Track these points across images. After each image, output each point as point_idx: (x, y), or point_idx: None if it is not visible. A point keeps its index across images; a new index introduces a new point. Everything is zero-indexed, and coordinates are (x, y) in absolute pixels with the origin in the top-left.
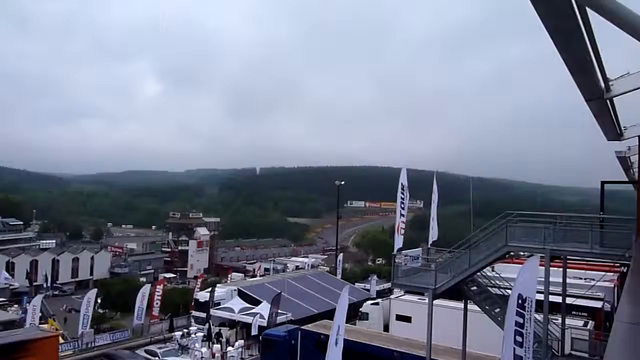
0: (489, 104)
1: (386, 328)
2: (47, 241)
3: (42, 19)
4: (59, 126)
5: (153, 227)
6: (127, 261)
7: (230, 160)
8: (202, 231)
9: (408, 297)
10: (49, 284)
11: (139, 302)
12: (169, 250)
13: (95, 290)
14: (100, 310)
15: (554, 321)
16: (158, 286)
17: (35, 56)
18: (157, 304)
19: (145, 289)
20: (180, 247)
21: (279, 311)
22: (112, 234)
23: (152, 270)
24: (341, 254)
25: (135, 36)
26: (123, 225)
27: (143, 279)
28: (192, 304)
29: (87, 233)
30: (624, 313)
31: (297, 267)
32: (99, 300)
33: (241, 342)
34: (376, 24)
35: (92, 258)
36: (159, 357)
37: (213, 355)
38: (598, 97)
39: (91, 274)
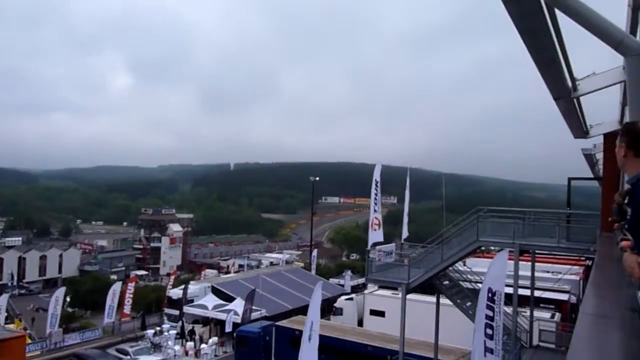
0: (462, 102)
1: (360, 323)
2: (13, 238)
3: (7, 9)
4: (25, 120)
5: (124, 223)
6: (97, 258)
7: (204, 155)
8: (175, 227)
9: (382, 292)
10: (15, 283)
11: (110, 300)
12: (141, 247)
13: (63, 289)
14: (70, 309)
15: (523, 314)
16: (130, 284)
17: (0, 47)
18: (128, 301)
19: (117, 287)
20: (152, 244)
21: (253, 307)
22: (81, 230)
23: (124, 268)
24: (315, 250)
25: (106, 28)
26: (93, 222)
27: (114, 277)
28: (165, 301)
29: (56, 230)
30: (589, 305)
31: (271, 263)
32: (67, 299)
33: (215, 339)
34: (351, 21)
35: (61, 256)
36: (130, 356)
37: (186, 353)
38: (565, 96)
39: (60, 272)
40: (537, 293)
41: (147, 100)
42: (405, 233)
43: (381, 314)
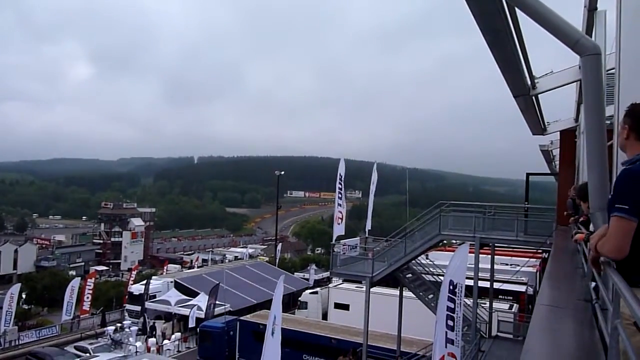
0: (426, 98)
1: (325, 316)
2: None
3: None
4: None
5: (83, 218)
6: (54, 254)
7: (166, 148)
8: (137, 222)
9: (346, 285)
10: None
11: (68, 297)
12: (101, 242)
13: (18, 285)
14: (25, 307)
15: (482, 305)
16: (89, 279)
17: None
18: (87, 298)
19: (75, 283)
20: (113, 239)
21: (217, 302)
22: (38, 225)
23: (83, 263)
24: (280, 244)
25: (65, 15)
26: (50, 217)
27: (73, 273)
28: (126, 297)
29: (10, 224)
30: (544, 296)
31: (235, 258)
32: (23, 296)
33: (178, 334)
34: (318, 14)
35: (16, 251)
36: (90, 353)
37: (148, 349)
38: (524, 93)
39: (15, 267)
40: (496, 285)
41: (108, 91)
42: (369, 227)
43: (345, 307)
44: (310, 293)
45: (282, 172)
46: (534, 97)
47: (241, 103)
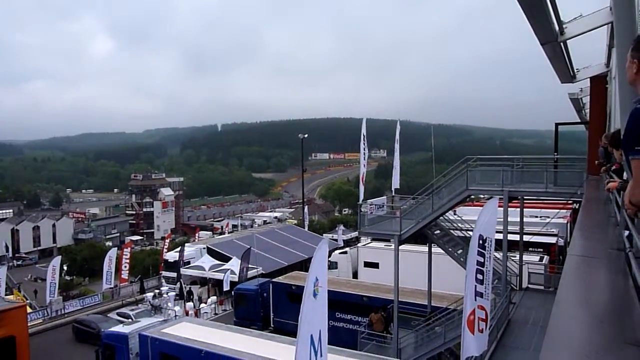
0: (448, 52)
1: (355, 275)
2: (4, 211)
3: None
4: (4, 90)
5: (115, 190)
6: (90, 226)
7: (190, 118)
8: (166, 192)
9: (375, 244)
10: (10, 254)
11: (107, 267)
12: (134, 212)
13: (59, 258)
14: (68, 278)
15: (512, 258)
16: (125, 249)
17: None
18: (125, 267)
19: (112, 253)
20: (145, 209)
21: (249, 266)
22: (72, 200)
23: (118, 234)
24: (307, 207)
25: None
26: (83, 191)
27: (109, 243)
28: (162, 264)
29: (46, 200)
30: (576, 246)
31: (264, 222)
32: (65, 268)
33: (214, 298)
34: None
35: (54, 225)
36: (132, 319)
37: (187, 313)
38: (552, 40)
39: (54, 241)
40: (526, 238)
41: (130, 64)
42: (395, 185)
43: (375, 265)
44: (340, 253)
45: (306, 135)
46: (562, 44)
47: (261, 69)
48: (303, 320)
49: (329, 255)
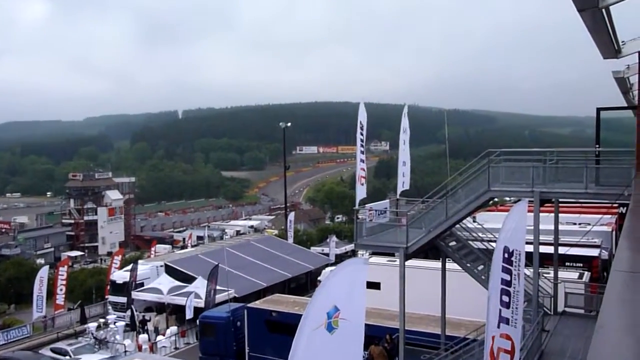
0: (466, 24)
1: None
2: None
3: None
4: None
5: (48, 194)
6: (17, 239)
7: (143, 102)
8: (114, 195)
9: (375, 259)
10: None
11: (38, 290)
12: (72, 221)
13: None
14: None
15: (545, 275)
16: (60, 268)
17: None
18: (61, 290)
19: (44, 273)
20: (86, 217)
21: (218, 288)
22: None
23: (52, 249)
24: (292, 213)
25: None
26: (7, 194)
27: (41, 261)
28: (108, 287)
29: None
30: (623, 260)
31: (237, 233)
32: None
33: (174, 328)
34: None
35: None
36: (70, 356)
37: (140, 348)
38: (592, 6)
39: None
40: (562, 250)
41: (68, 35)
42: (404, 185)
43: (376, 286)
44: (332, 271)
45: (289, 124)
46: (604, 10)
47: (234, 41)
48: None
49: (318, 274)
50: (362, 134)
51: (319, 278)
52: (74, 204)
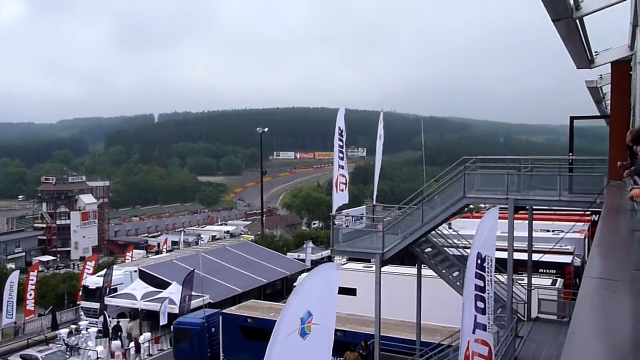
0: (443, 30)
1: None
2: None
3: None
4: None
5: (19, 197)
6: None
7: (118, 105)
8: (87, 199)
9: (351, 265)
10: None
11: (7, 295)
12: (44, 226)
13: None
14: None
15: (519, 282)
16: (31, 272)
17: None
18: (31, 295)
19: (14, 278)
20: (59, 222)
21: (193, 293)
22: None
23: (23, 254)
24: (268, 218)
25: None
26: None
27: (11, 265)
28: (80, 292)
29: None
30: (594, 267)
31: (213, 238)
32: None
33: (147, 335)
34: None
35: None
36: None
37: (112, 355)
38: (566, 16)
39: None
40: (535, 256)
41: (42, 37)
42: (377, 192)
43: (352, 292)
44: (306, 276)
45: (266, 129)
46: (577, 21)
47: (211, 44)
48: None
49: (294, 280)
50: (341, 140)
51: (294, 284)
52: (46, 208)
